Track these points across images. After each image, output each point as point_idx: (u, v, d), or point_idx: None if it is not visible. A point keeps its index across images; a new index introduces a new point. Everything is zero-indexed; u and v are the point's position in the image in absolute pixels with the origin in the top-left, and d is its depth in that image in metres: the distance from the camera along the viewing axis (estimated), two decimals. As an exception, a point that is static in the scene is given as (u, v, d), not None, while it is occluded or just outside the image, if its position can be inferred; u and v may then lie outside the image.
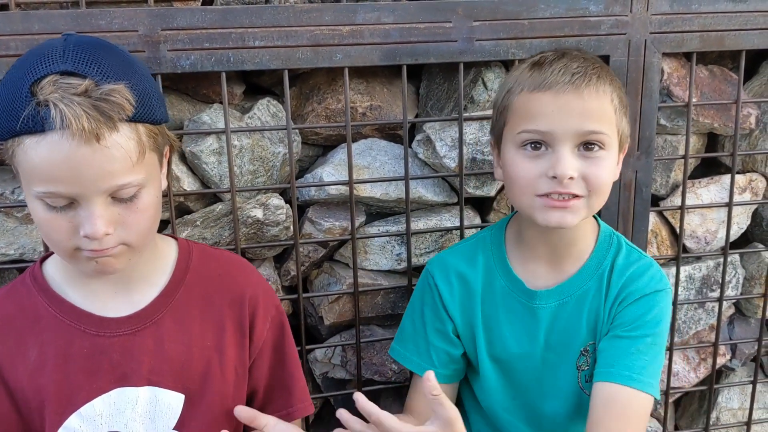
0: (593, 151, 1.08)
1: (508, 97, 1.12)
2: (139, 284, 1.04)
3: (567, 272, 1.19)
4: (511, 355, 1.20)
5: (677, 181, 1.57)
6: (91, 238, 0.89)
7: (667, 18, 1.39)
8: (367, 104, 1.41)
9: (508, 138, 1.13)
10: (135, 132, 0.90)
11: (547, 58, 1.11)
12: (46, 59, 0.87)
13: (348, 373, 1.50)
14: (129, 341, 1.01)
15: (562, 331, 1.18)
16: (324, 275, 1.48)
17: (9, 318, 1.01)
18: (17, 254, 1.28)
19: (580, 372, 1.19)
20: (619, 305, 1.16)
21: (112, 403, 1.00)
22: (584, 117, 1.06)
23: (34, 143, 0.85)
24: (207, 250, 1.13)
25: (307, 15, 1.25)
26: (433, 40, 1.30)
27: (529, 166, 1.09)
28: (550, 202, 1.07)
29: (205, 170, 1.31)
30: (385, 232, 1.42)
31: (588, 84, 1.07)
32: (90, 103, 0.85)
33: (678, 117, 1.51)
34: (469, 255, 1.23)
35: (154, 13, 1.20)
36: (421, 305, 1.25)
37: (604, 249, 1.20)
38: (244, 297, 1.09)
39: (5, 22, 1.16)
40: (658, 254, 1.57)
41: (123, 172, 0.89)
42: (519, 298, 1.19)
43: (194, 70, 1.23)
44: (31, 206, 0.91)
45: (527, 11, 1.33)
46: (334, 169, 1.37)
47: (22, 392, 0.99)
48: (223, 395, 1.06)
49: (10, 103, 0.86)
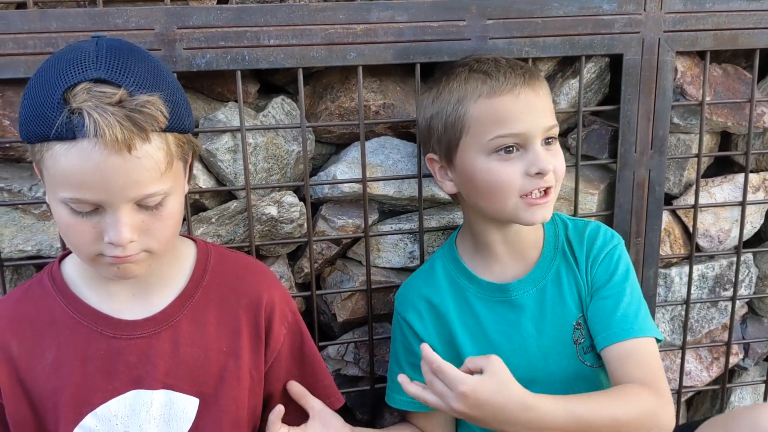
0: (552, 145, 1.15)
1: (461, 107, 1.13)
2: (158, 286, 1.05)
3: (531, 260, 1.24)
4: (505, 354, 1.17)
5: (690, 179, 1.57)
6: (116, 245, 0.89)
7: (680, 16, 1.39)
8: (380, 102, 1.42)
9: (471, 147, 1.14)
10: (164, 142, 0.91)
11: (486, 63, 1.16)
12: (78, 65, 0.87)
13: (361, 370, 1.51)
14: (145, 344, 1.02)
15: (552, 314, 1.20)
16: (337, 272, 1.48)
17: (26, 318, 1.02)
18: (34, 251, 1.29)
19: (577, 346, 1.21)
20: (591, 269, 1.21)
21: (128, 404, 1.01)
22: (544, 113, 1.13)
23: (64, 150, 0.85)
24: (225, 253, 1.14)
25: (322, 14, 1.26)
26: (446, 38, 1.31)
27: (508, 170, 1.11)
28: (532, 201, 1.12)
29: (220, 168, 1.32)
30: (397, 229, 1.43)
31: (538, 81, 1.15)
32: (124, 114, 0.84)
33: (691, 116, 1.51)
34: (431, 280, 1.26)
35: (170, 11, 1.21)
36: (395, 343, 1.28)
37: (552, 228, 1.26)
38: (261, 302, 1.08)
39: (23, 20, 1.17)
40: (671, 253, 1.57)
41: (151, 182, 0.89)
42: (494, 297, 1.22)
43: (209, 68, 1.23)
44: (55, 210, 0.92)
45: (540, 10, 1.33)
46: (348, 167, 1.38)
47: (38, 392, 1.00)
48: (237, 400, 1.06)
49: (41, 108, 0.86)
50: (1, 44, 1.17)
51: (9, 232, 1.28)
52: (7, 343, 1.00)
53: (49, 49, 1.17)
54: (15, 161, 1.30)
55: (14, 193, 1.26)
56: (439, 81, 1.20)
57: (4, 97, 1.22)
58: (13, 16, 1.17)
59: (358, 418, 1.56)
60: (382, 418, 1.54)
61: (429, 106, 1.21)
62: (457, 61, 1.24)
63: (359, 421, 1.56)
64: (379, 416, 1.55)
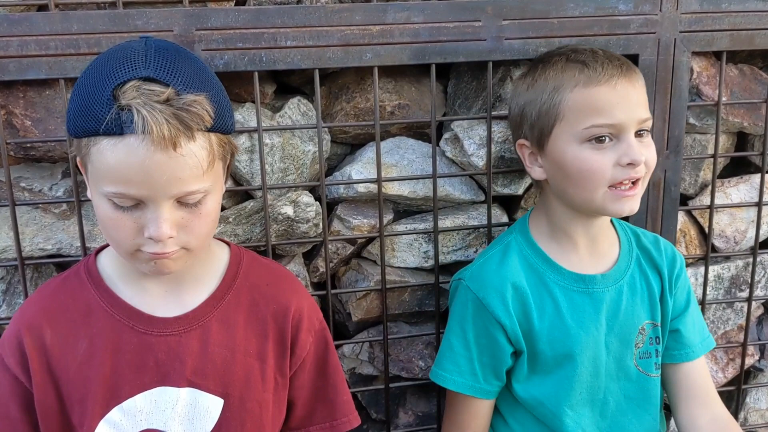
0: (644, 137, 1.16)
1: (557, 95, 1.15)
2: (190, 285, 1.06)
3: (607, 256, 1.27)
4: (580, 346, 1.21)
5: (706, 180, 1.56)
6: (156, 240, 0.91)
7: (696, 17, 1.39)
8: (395, 103, 1.42)
9: (564, 135, 1.15)
10: (208, 141, 0.93)
11: (583, 53, 1.16)
12: (128, 63, 0.89)
13: (375, 369, 1.52)
14: (175, 342, 1.03)
15: (624, 314, 1.23)
16: (352, 272, 1.49)
17: (63, 308, 1.03)
18: (54, 249, 1.31)
19: (636, 349, 1.25)
20: (673, 286, 1.28)
21: (153, 400, 1.02)
22: (639, 105, 1.15)
23: (111, 145, 0.88)
24: (257, 258, 1.15)
25: (338, 15, 1.27)
26: (462, 39, 1.31)
27: (600, 158, 1.13)
28: (621, 192, 1.14)
29: (237, 168, 1.33)
30: (412, 229, 1.44)
31: (635, 73, 1.16)
32: (171, 112, 0.87)
33: (707, 116, 1.50)
34: (508, 263, 1.24)
35: (189, 13, 1.22)
36: (465, 325, 1.23)
37: (623, 232, 1.31)
38: (289, 310, 1.09)
39: (45, 22, 1.19)
40: (686, 254, 1.56)
41: (193, 180, 0.91)
42: (574, 286, 1.22)
43: (228, 69, 1.25)
44: (97, 204, 0.94)
45: (556, 10, 1.33)
46: (363, 168, 1.39)
47: (67, 383, 1.01)
48: (261, 403, 1.07)
49: (90, 104, 0.88)
50: (23, 45, 1.18)
51: (30, 231, 1.30)
52: (41, 331, 1.01)
53: (70, 51, 1.19)
54: (36, 161, 1.32)
55: (35, 192, 1.28)
56: (535, 69, 1.21)
57: (26, 97, 1.24)
58: (35, 18, 1.18)
59: (373, 417, 1.57)
60: (396, 417, 1.55)
61: (523, 93, 1.22)
62: (552, 50, 1.25)
63: (374, 420, 1.57)
64: (394, 415, 1.55)
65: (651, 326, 1.26)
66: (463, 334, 1.23)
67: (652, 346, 1.26)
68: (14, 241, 1.26)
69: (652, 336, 1.26)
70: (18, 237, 1.26)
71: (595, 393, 1.24)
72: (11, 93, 1.23)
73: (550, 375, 1.23)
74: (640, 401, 1.26)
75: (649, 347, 1.26)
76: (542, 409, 1.24)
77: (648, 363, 1.26)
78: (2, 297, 1.34)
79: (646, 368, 1.26)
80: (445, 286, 1.46)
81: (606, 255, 1.27)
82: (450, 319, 1.27)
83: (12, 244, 1.28)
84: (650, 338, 1.26)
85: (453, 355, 1.23)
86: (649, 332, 1.26)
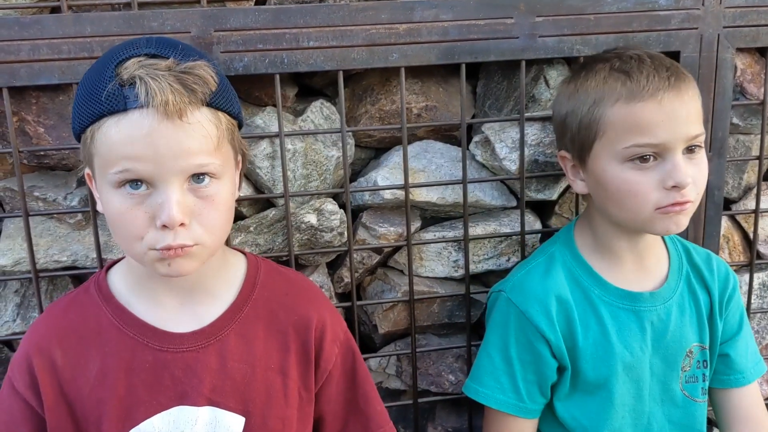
0: (695, 153, 1.08)
1: (598, 109, 1.08)
2: (206, 297, 1.02)
3: (655, 273, 1.20)
4: (624, 365, 1.15)
5: (750, 183, 1.49)
6: (169, 226, 0.87)
7: (741, 11, 1.32)
8: (422, 105, 1.36)
9: (605, 152, 1.08)
10: (215, 117, 0.91)
11: (628, 62, 1.08)
12: (130, 46, 0.90)
13: (403, 384, 1.46)
14: (192, 358, 0.99)
15: (671, 335, 1.17)
16: (378, 282, 1.44)
17: (72, 328, 1.00)
18: (70, 261, 1.27)
19: (682, 373, 1.18)
20: (725, 308, 1.21)
21: (172, 421, 0.98)
22: (689, 121, 1.05)
23: (115, 122, 0.86)
24: (275, 268, 1.11)
25: (363, 14, 1.21)
26: (493, 37, 1.25)
27: (643, 179, 1.06)
28: (668, 209, 1.06)
29: (258, 175, 1.28)
30: (441, 237, 1.37)
31: (684, 84, 1.06)
32: (174, 77, 0.86)
33: (752, 116, 1.43)
34: (553, 275, 1.17)
35: (207, 13, 1.17)
36: (507, 339, 1.17)
37: (674, 248, 1.24)
38: (311, 321, 1.05)
39: (58, 25, 1.14)
40: (730, 260, 1.49)
41: (201, 153, 0.89)
42: (620, 304, 1.16)
43: (248, 72, 1.20)
44: (107, 201, 0.90)
45: (593, 6, 1.27)
46: (389, 173, 1.33)
47: (81, 405, 0.97)
48: (285, 420, 1.02)
49: (92, 88, 0.89)
50: (35, 50, 1.14)
51: (44, 242, 1.26)
52: (51, 353, 0.98)
53: (83, 54, 1.15)
54: (50, 169, 1.28)
55: (49, 202, 1.24)
56: (578, 76, 1.14)
57: (38, 103, 1.20)
58: (47, 21, 1.14)
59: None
60: (425, 433, 1.49)
61: (565, 102, 1.15)
62: (597, 54, 1.18)
63: (401, 435, 1.52)
64: (422, 431, 1.50)
65: (699, 349, 1.19)
66: (505, 349, 1.16)
67: (699, 370, 1.19)
68: (28, 253, 1.22)
69: (699, 359, 1.19)
70: (32, 248, 1.22)
71: (639, 417, 1.18)
72: (23, 99, 1.20)
73: (592, 395, 1.16)
74: (685, 427, 1.20)
75: (696, 371, 1.19)
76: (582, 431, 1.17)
77: (694, 388, 1.19)
78: (17, 311, 1.30)
79: (693, 393, 1.19)
80: (476, 296, 1.40)
81: (654, 271, 1.20)
82: (489, 332, 1.21)
83: (26, 256, 1.23)
84: (698, 361, 1.19)
85: (494, 370, 1.17)
86: (696, 355, 1.19)
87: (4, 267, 1.25)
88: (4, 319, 1.29)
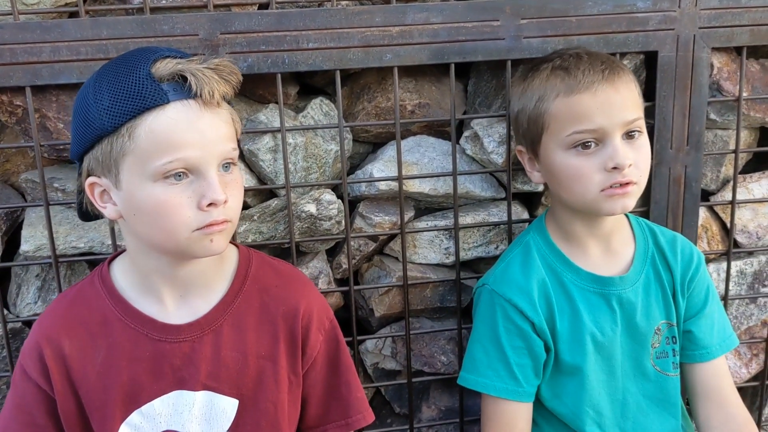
0: (635, 138, 1.16)
1: (541, 104, 1.17)
2: (201, 290, 1.07)
3: (621, 256, 1.27)
4: (596, 344, 1.23)
5: (728, 175, 1.56)
6: (217, 203, 0.94)
7: (716, 13, 1.39)
8: (415, 102, 1.44)
9: (551, 142, 1.18)
10: (231, 113, 1.01)
11: (567, 60, 1.17)
12: (152, 50, 0.97)
13: (398, 364, 1.54)
14: (189, 348, 1.05)
15: (640, 315, 1.24)
16: (374, 268, 1.52)
17: (79, 319, 1.06)
18: (87, 247, 1.35)
19: (652, 350, 1.26)
20: (686, 288, 1.27)
21: (171, 404, 1.05)
22: (624, 108, 1.14)
23: (159, 115, 0.92)
24: (266, 260, 1.16)
25: (359, 17, 1.29)
26: (481, 38, 1.33)
27: (586, 164, 1.15)
28: (612, 191, 1.14)
29: (261, 167, 1.36)
30: (433, 226, 1.46)
31: (618, 76, 1.15)
32: (211, 70, 0.95)
33: (728, 111, 1.50)
34: (530, 263, 1.26)
35: (214, 17, 1.26)
36: (496, 329, 1.23)
37: (641, 232, 1.31)
38: (298, 310, 1.10)
39: (76, 28, 1.23)
40: (708, 249, 1.56)
41: (232, 139, 1.00)
42: (591, 288, 1.24)
43: (251, 72, 1.28)
44: (147, 194, 0.94)
45: (575, 8, 1.34)
46: (384, 166, 1.41)
47: (87, 391, 1.04)
48: (276, 403, 1.09)
49: (127, 86, 0.93)
50: (56, 51, 1.23)
51: (63, 230, 1.34)
52: (60, 343, 1.04)
53: (100, 56, 1.23)
54: (69, 162, 1.36)
55: (68, 192, 1.32)
56: (525, 76, 1.23)
57: (58, 101, 1.29)
58: (67, 25, 1.23)
59: (397, 411, 1.59)
60: (420, 412, 1.57)
61: (516, 101, 1.25)
62: (544, 56, 1.26)
63: (397, 414, 1.60)
64: (417, 409, 1.58)
65: (667, 326, 1.27)
66: (496, 339, 1.23)
67: (668, 345, 1.27)
68: (48, 240, 1.30)
69: (668, 336, 1.27)
70: (52, 236, 1.30)
71: (614, 393, 1.25)
72: (45, 97, 1.28)
73: (570, 375, 1.24)
74: (660, 401, 1.27)
75: (665, 347, 1.26)
76: (564, 409, 1.25)
77: (665, 362, 1.27)
78: (38, 293, 1.39)
79: (664, 368, 1.26)
80: (466, 282, 1.48)
81: (620, 254, 1.27)
82: (478, 324, 1.27)
83: (46, 243, 1.32)
84: (666, 338, 1.26)
85: (489, 360, 1.23)
86: (665, 332, 1.26)
87: (27, 252, 1.33)
88: (26, 301, 1.38)
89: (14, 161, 1.39)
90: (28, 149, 1.36)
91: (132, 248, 1.05)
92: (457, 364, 1.50)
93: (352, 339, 1.44)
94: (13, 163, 1.39)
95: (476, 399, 1.29)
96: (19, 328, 1.39)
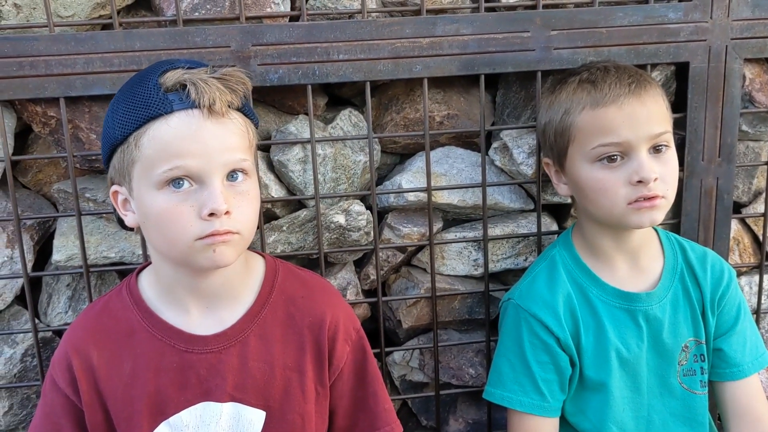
0: (662, 152, 1.16)
1: (568, 117, 1.18)
2: (228, 301, 1.07)
3: (649, 272, 1.26)
4: (621, 360, 1.22)
5: (760, 187, 1.55)
6: (217, 213, 0.94)
7: (748, 24, 1.38)
8: (444, 113, 1.44)
9: (577, 155, 1.18)
10: (245, 121, 1.01)
11: (594, 74, 1.18)
12: (164, 63, 0.99)
13: (425, 376, 1.53)
14: (216, 358, 1.05)
15: (667, 332, 1.23)
16: (402, 279, 1.52)
17: (107, 330, 1.06)
18: (117, 257, 1.36)
19: (679, 367, 1.24)
20: (717, 305, 1.25)
21: (198, 415, 1.05)
22: (650, 121, 1.14)
23: (161, 124, 0.94)
24: (293, 270, 1.16)
25: (389, 29, 1.30)
26: (510, 49, 1.33)
27: (611, 177, 1.14)
28: (639, 204, 1.13)
29: (291, 178, 1.37)
30: (462, 238, 1.45)
31: (645, 90, 1.15)
32: (217, 79, 0.96)
33: (760, 123, 1.48)
34: (556, 277, 1.25)
35: (246, 29, 1.26)
36: (521, 344, 1.22)
37: (670, 248, 1.29)
38: (324, 320, 1.10)
39: (110, 40, 1.24)
40: (740, 262, 1.54)
41: (241, 149, 0.98)
42: (617, 303, 1.23)
43: (282, 83, 1.29)
44: (149, 203, 0.96)
45: (605, 20, 1.34)
46: (413, 177, 1.41)
47: (114, 401, 1.04)
48: (303, 414, 1.08)
49: (133, 99, 0.95)
50: (89, 63, 1.24)
51: (94, 239, 1.35)
52: (88, 353, 1.05)
53: (133, 67, 1.24)
54: (99, 173, 1.37)
55: (99, 203, 1.33)
56: (553, 89, 1.24)
57: (91, 112, 1.30)
58: (100, 37, 1.24)
59: (423, 424, 1.58)
60: (447, 424, 1.56)
61: (543, 114, 1.25)
62: (573, 69, 1.26)
63: (424, 427, 1.59)
64: (444, 422, 1.57)
65: (695, 343, 1.25)
66: (522, 353, 1.22)
67: (696, 363, 1.25)
68: (80, 250, 1.31)
69: (696, 353, 1.25)
70: (83, 245, 1.31)
71: (639, 410, 1.23)
72: (77, 108, 1.29)
73: (594, 390, 1.23)
74: (686, 419, 1.25)
75: (693, 364, 1.25)
76: (587, 424, 1.24)
77: (693, 380, 1.25)
78: (68, 303, 1.40)
79: (691, 386, 1.25)
80: (495, 294, 1.47)
81: (647, 269, 1.26)
82: (504, 338, 1.27)
83: (78, 252, 1.34)
84: (694, 355, 1.25)
85: (515, 374, 1.23)
86: (692, 349, 1.24)
87: (58, 262, 1.35)
88: (57, 310, 1.39)
89: (46, 171, 1.40)
90: (60, 160, 1.37)
91: (155, 259, 1.06)
92: (485, 376, 1.49)
93: (379, 350, 1.43)
94: (45, 174, 1.40)
95: (504, 412, 1.28)
96: (50, 337, 1.40)
